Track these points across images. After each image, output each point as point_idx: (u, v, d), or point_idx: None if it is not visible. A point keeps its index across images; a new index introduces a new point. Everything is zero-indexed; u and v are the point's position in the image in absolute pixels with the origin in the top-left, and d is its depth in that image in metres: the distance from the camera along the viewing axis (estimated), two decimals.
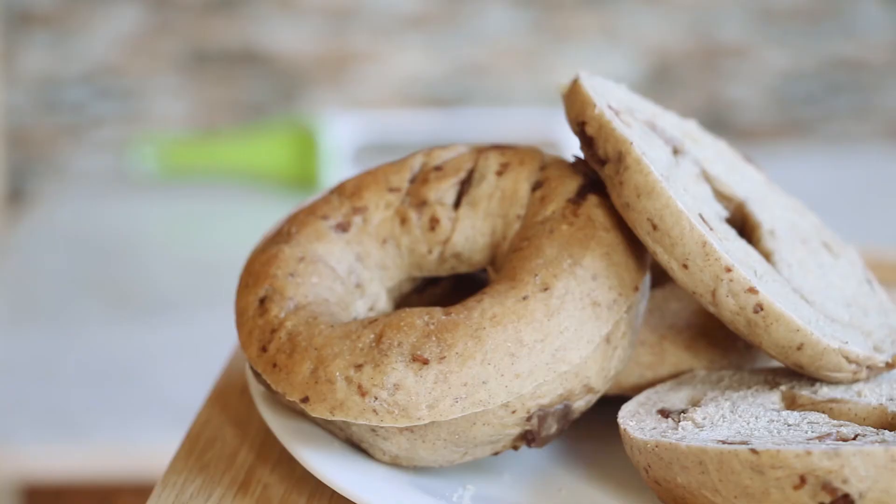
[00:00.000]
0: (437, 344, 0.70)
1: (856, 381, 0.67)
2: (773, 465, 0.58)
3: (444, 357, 0.69)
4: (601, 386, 0.73)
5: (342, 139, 2.44)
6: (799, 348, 0.66)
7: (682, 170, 0.74)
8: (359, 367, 0.71)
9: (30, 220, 2.36)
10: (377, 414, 0.70)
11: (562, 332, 0.70)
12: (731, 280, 0.66)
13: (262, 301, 0.79)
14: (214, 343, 1.46)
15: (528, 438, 0.73)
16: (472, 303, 0.73)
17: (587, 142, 0.74)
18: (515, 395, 0.70)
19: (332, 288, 0.79)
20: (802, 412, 0.67)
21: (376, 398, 0.70)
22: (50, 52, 2.53)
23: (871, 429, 0.63)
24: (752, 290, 0.66)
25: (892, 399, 0.66)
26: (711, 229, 0.69)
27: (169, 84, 2.55)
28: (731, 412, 0.67)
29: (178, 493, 0.75)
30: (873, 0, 2.56)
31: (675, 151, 0.75)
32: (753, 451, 0.59)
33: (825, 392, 0.68)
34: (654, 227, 0.68)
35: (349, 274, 0.80)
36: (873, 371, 0.67)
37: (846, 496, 0.57)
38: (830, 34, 2.57)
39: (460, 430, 0.71)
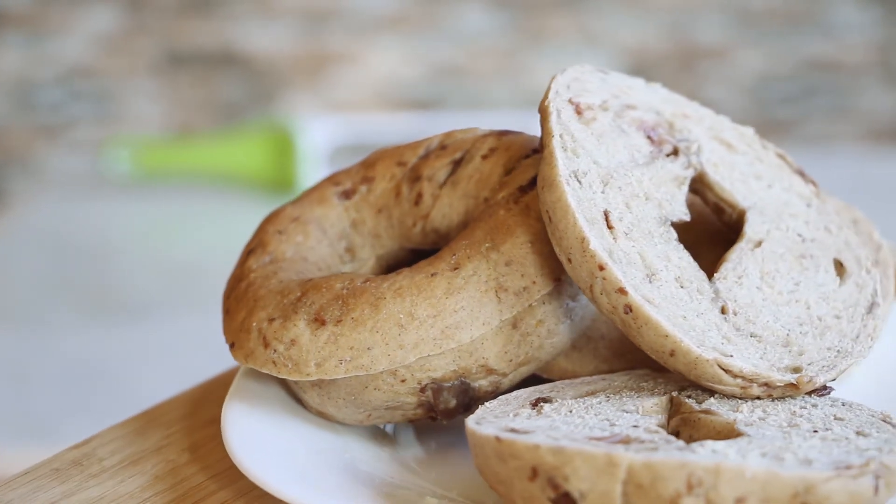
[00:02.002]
0: (340, 307, 0.74)
1: (751, 396, 0.68)
2: (511, 454, 0.60)
3: (341, 321, 0.74)
4: (506, 369, 0.75)
5: (319, 141, 2.43)
6: (671, 354, 0.67)
7: (652, 170, 0.75)
8: (272, 320, 0.75)
9: (3, 221, 2.35)
10: (276, 365, 0.75)
11: (456, 311, 0.73)
12: (604, 279, 0.68)
13: (248, 252, 0.83)
14: (189, 346, 1.46)
15: (428, 409, 0.76)
16: (394, 274, 0.76)
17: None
18: (398, 365, 0.73)
19: (314, 248, 0.82)
20: (647, 416, 0.67)
21: (275, 351, 0.75)
22: (25, 52, 2.52)
23: (666, 436, 0.63)
24: (622, 291, 0.67)
25: (762, 419, 0.65)
26: (611, 228, 0.70)
27: (145, 85, 2.54)
28: (582, 408, 0.68)
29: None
30: (850, 2, 2.56)
31: (674, 153, 0.77)
32: (498, 439, 0.60)
33: (708, 403, 0.68)
34: (549, 219, 0.71)
35: (340, 238, 0.83)
36: (776, 390, 0.67)
37: (567, 494, 0.58)
38: (807, 36, 2.57)
39: (355, 391, 0.75)
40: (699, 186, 0.78)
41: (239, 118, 2.55)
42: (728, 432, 0.65)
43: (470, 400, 0.76)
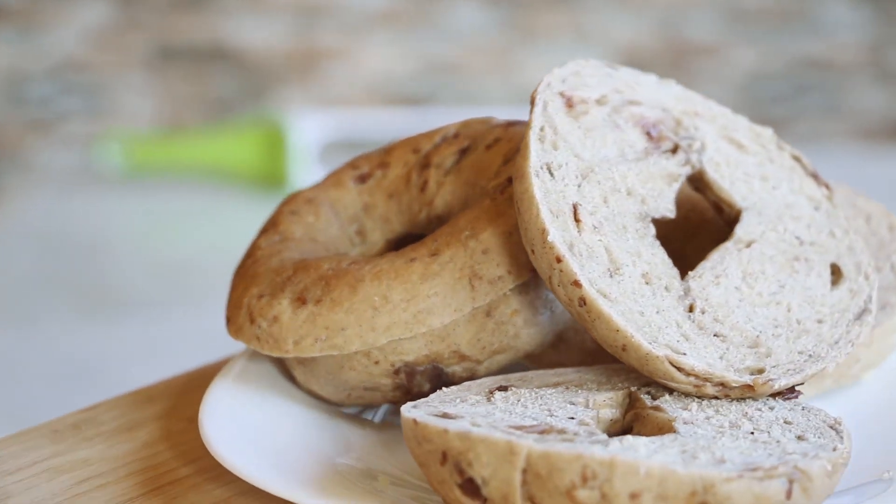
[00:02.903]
0: (322, 288, 0.75)
1: (706, 395, 0.68)
2: (424, 437, 0.61)
3: (321, 300, 0.75)
4: (479, 356, 0.76)
5: (311, 137, 2.43)
6: (624, 349, 0.68)
7: (642, 165, 0.75)
8: (261, 297, 0.77)
9: None
10: (259, 341, 0.77)
11: (429, 297, 0.74)
12: (560, 270, 0.69)
13: (262, 231, 0.85)
14: (182, 342, 1.46)
15: (405, 393, 0.77)
16: (380, 257, 0.77)
17: None
18: (369, 346, 0.74)
19: (324, 230, 0.84)
20: (597, 409, 0.68)
21: (259, 327, 0.76)
22: (16, 46, 2.51)
23: (593, 430, 0.63)
24: (577, 284, 0.68)
25: (708, 418, 0.66)
26: (578, 221, 0.71)
27: (136, 80, 2.53)
28: (530, 398, 0.69)
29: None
30: (842, 0, 2.57)
31: (673, 150, 0.77)
32: (415, 422, 0.61)
33: (663, 399, 0.69)
34: (518, 210, 0.72)
35: (351, 222, 0.84)
36: (733, 390, 0.67)
37: (471, 480, 0.59)
38: (799, 34, 2.58)
39: (333, 370, 0.76)
40: (700, 185, 0.79)
41: (231, 113, 2.55)
42: (667, 429, 0.65)
43: (443, 385, 0.76)
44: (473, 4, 2.52)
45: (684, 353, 0.68)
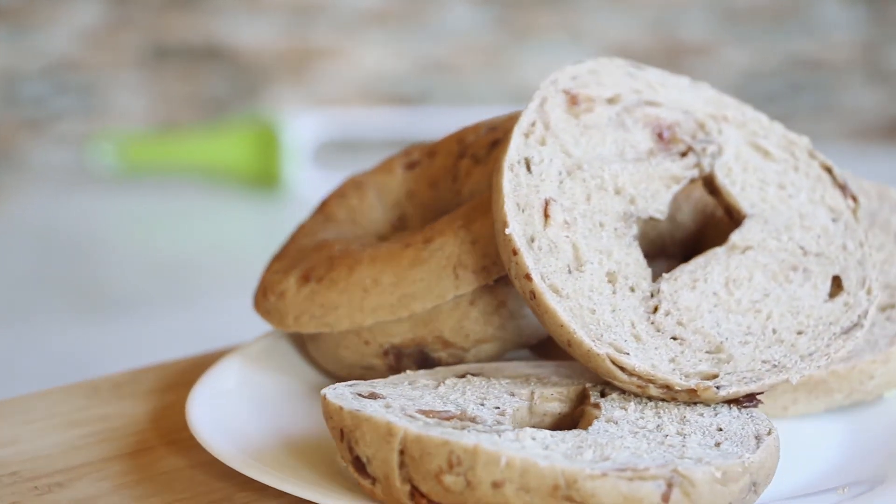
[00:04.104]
0: (326, 268, 0.77)
1: (651, 396, 0.68)
2: (328, 413, 0.63)
3: (322, 280, 0.77)
4: (463, 343, 0.77)
5: (304, 136, 2.43)
6: (569, 345, 0.69)
7: (641, 166, 0.76)
8: (277, 272, 0.80)
9: None
10: (268, 314, 0.79)
11: (415, 282, 0.75)
12: (516, 263, 0.70)
13: (313, 211, 0.87)
14: (174, 341, 1.45)
15: (395, 374, 0.78)
16: (382, 241, 0.79)
17: None
18: (357, 326, 0.76)
19: (366, 213, 0.86)
20: (523, 401, 0.69)
21: (269, 301, 0.79)
22: (9, 46, 2.51)
23: (500, 419, 0.65)
24: (528, 277, 0.69)
25: (639, 419, 0.66)
26: (547, 216, 0.72)
27: (129, 79, 2.53)
28: (473, 386, 0.70)
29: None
30: (835, 0, 2.57)
31: (685, 153, 0.77)
32: (324, 397, 0.63)
33: (610, 398, 0.69)
34: (492, 203, 0.73)
35: (394, 207, 0.86)
36: (680, 394, 0.68)
37: (358, 458, 0.61)
38: (792, 33, 2.58)
39: (331, 348, 0.79)
40: (712, 189, 0.79)
41: (224, 113, 2.55)
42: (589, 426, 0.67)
43: (428, 368, 0.77)
44: (467, 4, 2.53)
45: (627, 353, 0.69)
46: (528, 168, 0.74)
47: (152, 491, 0.71)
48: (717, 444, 0.63)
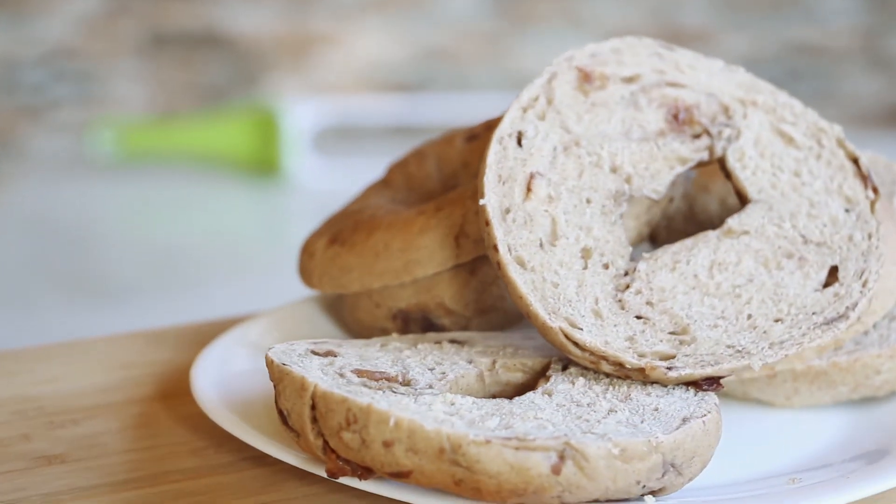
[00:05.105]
0: (350, 231, 0.80)
1: (604, 371, 0.69)
2: (267, 367, 0.64)
3: (345, 243, 0.79)
4: (464, 312, 0.78)
5: (304, 123, 2.43)
6: (528, 316, 0.70)
7: (645, 145, 0.76)
8: (316, 233, 0.82)
9: None
10: (302, 274, 0.82)
11: (419, 249, 0.77)
12: (488, 234, 0.71)
13: (378, 179, 0.89)
14: None
15: None
16: (407, 208, 0.80)
17: None
18: (366, 289, 0.78)
19: (423, 181, 0.87)
20: (474, 368, 0.70)
21: (302, 260, 0.82)
22: (7, 33, 2.50)
23: (432, 383, 0.66)
24: (495, 248, 0.70)
25: (582, 394, 0.67)
26: (529, 189, 0.73)
27: (128, 67, 2.53)
28: (446, 354, 0.71)
29: None
30: None
31: (698, 136, 0.77)
32: (267, 355, 0.65)
33: (569, 371, 0.70)
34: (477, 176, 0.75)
35: (450, 177, 0.87)
36: (633, 372, 0.68)
37: (282, 411, 0.63)
38: (792, 20, 2.58)
39: (351, 310, 0.81)
40: (725, 172, 0.79)
41: (223, 100, 2.54)
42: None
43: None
44: None
45: (581, 329, 0.69)
46: (519, 142, 0.74)
47: (150, 434, 0.73)
48: (643, 422, 0.63)
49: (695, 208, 0.86)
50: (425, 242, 0.77)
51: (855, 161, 0.80)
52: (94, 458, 0.70)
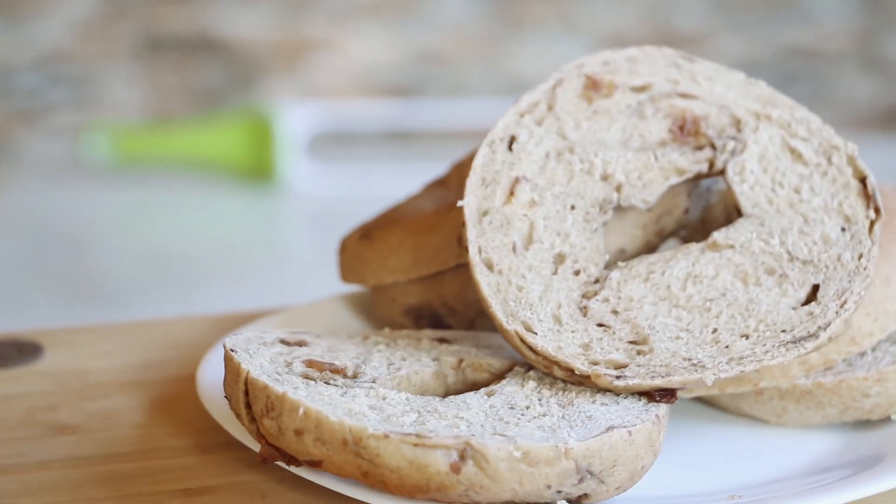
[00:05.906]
0: (381, 228, 0.81)
1: (557, 376, 0.69)
2: (224, 362, 0.66)
3: (371, 238, 0.81)
4: (467, 311, 0.79)
5: (299, 128, 2.43)
6: (490, 317, 0.70)
7: (641, 155, 0.76)
8: (356, 230, 0.84)
9: None
10: (340, 268, 0.84)
11: (427, 247, 0.78)
12: (462, 235, 0.72)
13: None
14: None
15: None
16: (436, 207, 0.81)
17: None
18: (379, 283, 0.80)
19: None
20: (431, 365, 0.71)
21: (339, 254, 0.84)
22: (3, 37, 2.50)
23: (374, 377, 0.67)
24: (466, 249, 0.71)
25: (526, 397, 0.67)
26: (512, 193, 0.73)
27: (123, 71, 2.53)
28: (413, 350, 0.72)
29: None
30: None
31: (700, 147, 0.77)
32: (227, 344, 0.67)
33: (530, 374, 0.70)
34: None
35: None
36: (585, 379, 0.67)
37: (226, 396, 0.66)
38: (786, 23, 2.58)
39: (375, 304, 0.83)
40: (727, 185, 0.79)
41: (218, 104, 2.54)
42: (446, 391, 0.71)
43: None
44: None
45: (535, 333, 0.69)
46: (510, 146, 0.75)
47: (164, 412, 0.75)
48: (556, 429, 0.63)
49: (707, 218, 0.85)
50: (432, 241, 0.78)
51: (862, 180, 0.78)
52: (102, 430, 0.72)
